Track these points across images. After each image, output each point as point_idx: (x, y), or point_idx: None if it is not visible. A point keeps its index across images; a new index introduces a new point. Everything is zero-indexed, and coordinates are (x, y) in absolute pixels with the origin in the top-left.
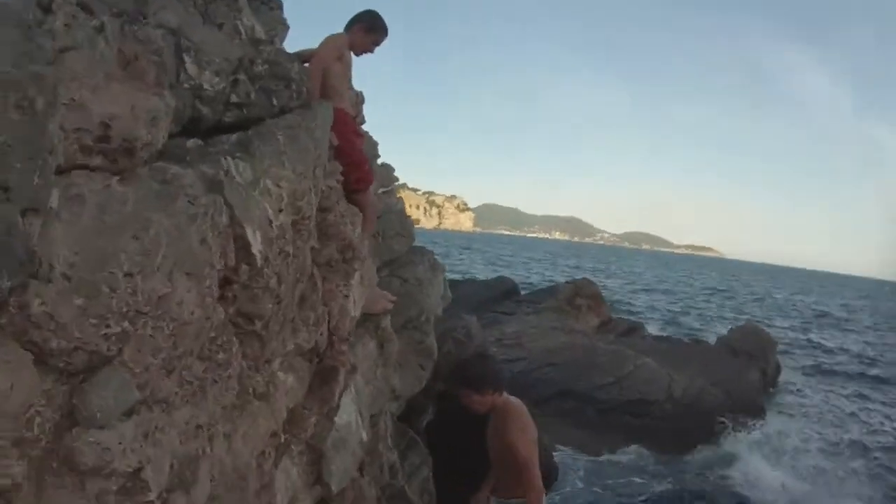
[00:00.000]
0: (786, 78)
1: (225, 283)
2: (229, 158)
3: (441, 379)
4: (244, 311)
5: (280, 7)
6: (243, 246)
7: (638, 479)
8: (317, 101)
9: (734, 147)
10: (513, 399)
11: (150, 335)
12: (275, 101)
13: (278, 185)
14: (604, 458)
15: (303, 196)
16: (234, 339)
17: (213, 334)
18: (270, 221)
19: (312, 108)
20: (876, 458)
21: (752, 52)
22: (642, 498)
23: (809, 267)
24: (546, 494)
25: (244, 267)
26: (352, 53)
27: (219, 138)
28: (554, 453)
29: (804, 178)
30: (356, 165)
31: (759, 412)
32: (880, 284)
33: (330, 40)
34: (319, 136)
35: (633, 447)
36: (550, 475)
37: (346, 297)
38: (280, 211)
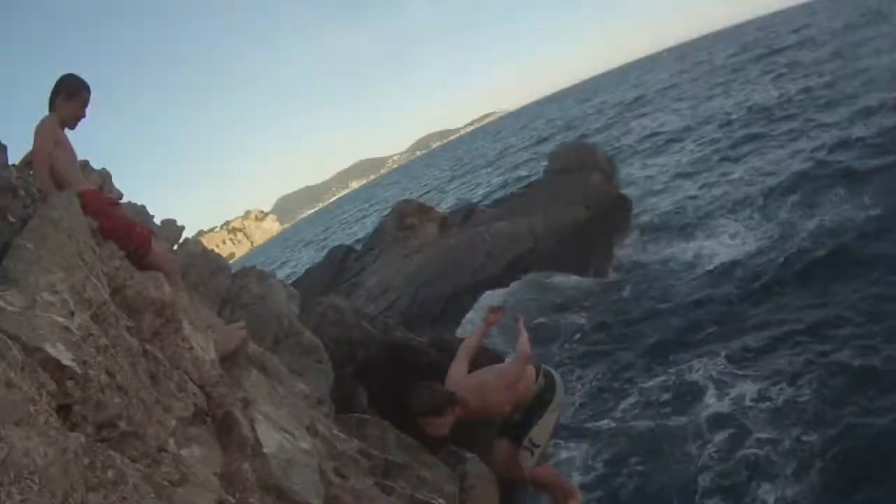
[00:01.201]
0: None
1: (65, 408)
2: None
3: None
4: (100, 422)
5: None
6: (54, 365)
7: (575, 304)
8: (54, 196)
9: (477, 23)
10: (453, 387)
11: (22, 500)
12: (11, 218)
13: (55, 291)
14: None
15: (84, 287)
16: (112, 451)
17: (86, 461)
18: (67, 328)
19: (49, 202)
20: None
21: None
22: (584, 314)
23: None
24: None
25: (69, 383)
26: (66, 130)
27: None
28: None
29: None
30: (125, 235)
31: (620, 203)
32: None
33: (39, 130)
34: (70, 223)
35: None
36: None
37: (191, 348)
38: (72, 314)
